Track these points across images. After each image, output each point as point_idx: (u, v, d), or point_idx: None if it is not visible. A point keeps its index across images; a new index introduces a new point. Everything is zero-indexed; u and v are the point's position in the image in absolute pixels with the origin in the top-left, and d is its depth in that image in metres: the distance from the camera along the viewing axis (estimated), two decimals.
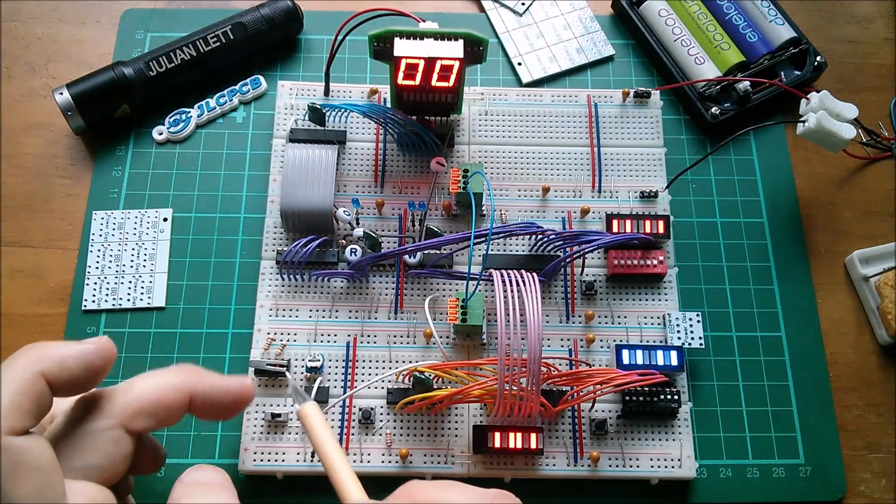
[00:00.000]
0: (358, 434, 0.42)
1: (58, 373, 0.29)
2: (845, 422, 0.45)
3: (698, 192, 0.50)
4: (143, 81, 0.49)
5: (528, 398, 0.38)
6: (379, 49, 0.43)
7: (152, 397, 0.32)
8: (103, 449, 0.31)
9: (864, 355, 0.47)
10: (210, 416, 0.35)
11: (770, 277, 0.48)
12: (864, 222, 0.50)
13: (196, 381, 0.34)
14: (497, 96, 0.50)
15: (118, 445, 0.31)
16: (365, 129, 0.49)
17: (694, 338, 0.44)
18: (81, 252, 0.47)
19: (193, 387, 0.34)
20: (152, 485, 0.42)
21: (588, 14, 0.55)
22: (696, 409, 0.44)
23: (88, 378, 0.31)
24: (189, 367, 0.35)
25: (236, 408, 0.35)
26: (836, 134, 0.45)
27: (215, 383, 0.35)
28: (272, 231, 0.46)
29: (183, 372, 0.34)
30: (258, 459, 0.41)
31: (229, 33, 0.50)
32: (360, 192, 0.47)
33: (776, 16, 0.53)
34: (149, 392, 0.32)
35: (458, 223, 0.47)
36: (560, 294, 0.45)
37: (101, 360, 0.31)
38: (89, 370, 0.30)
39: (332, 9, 0.54)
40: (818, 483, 0.43)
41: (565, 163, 0.48)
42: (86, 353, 0.30)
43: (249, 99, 0.51)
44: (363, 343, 0.44)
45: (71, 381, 0.30)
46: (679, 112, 0.52)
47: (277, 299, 0.44)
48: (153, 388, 0.32)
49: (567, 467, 0.41)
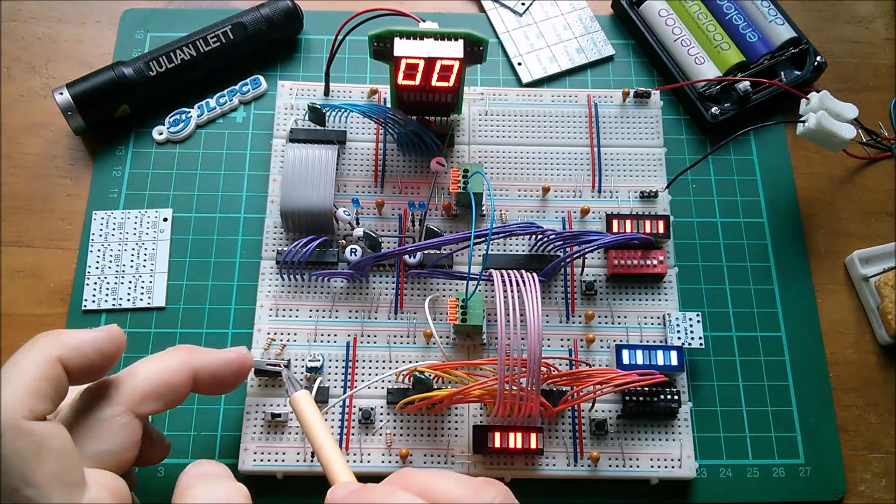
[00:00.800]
0: (358, 434, 0.42)
1: (75, 358, 0.30)
2: (845, 422, 0.45)
3: (698, 192, 0.50)
4: (143, 81, 0.49)
5: (528, 398, 0.38)
6: (379, 49, 0.43)
7: (157, 380, 0.33)
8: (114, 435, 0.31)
9: (864, 355, 0.47)
10: (214, 390, 0.37)
11: (770, 277, 0.48)
12: (864, 222, 0.50)
13: (196, 358, 0.35)
14: (497, 96, 0.50)
15: (128, 430, 0.32)
16: (365, 129, 0.49)
17: (694, 338, 0.44)
18: (81, 252, 0.47)
19: (194, 364, 0.35)
20: (153, 484, 0.42)
21: (588, 14, 0.55)
22: (696, 409, 0.44)
23: (102, 364, 0.31)
24: (186, 347, 0.36)
25: (238, 378, 0.37)
26: (836, 134, 0.45)
27: (215, 357, 0.36)
28: (272, 231, 0.46)
29: (182, 351, 0.35)
30: (258, 459, 0.41)
31: (229, 33, 0.50)
32: (360, 192, 0.47)
33: (776, 16, 0.53)
34: (153, 375, 0.33)
35: (458, 223, 0.47)
36: (560, 294, 0.45)
37: (114, 347, 0.32)
38: (103, 356, 0.31)
39: (332, 9, 0.54)
40: (818, 483, 0.43)
41: (565, 163, 0.48)
42: (99, 339, 0.31)
43: (249, 99, 0.51)
44: (363, 343, 0.44)
45: (86, 367, 0.31)
46: (679, 112, 0.52)
47: (277, 299, 0.44)
48: (157, 371, 0.34)
49: (567, 467, 0.41)
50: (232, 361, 0.36)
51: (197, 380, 0.35)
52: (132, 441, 0.32)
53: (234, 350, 0.37)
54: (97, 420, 0.31)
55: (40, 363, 0.29)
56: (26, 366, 0.29)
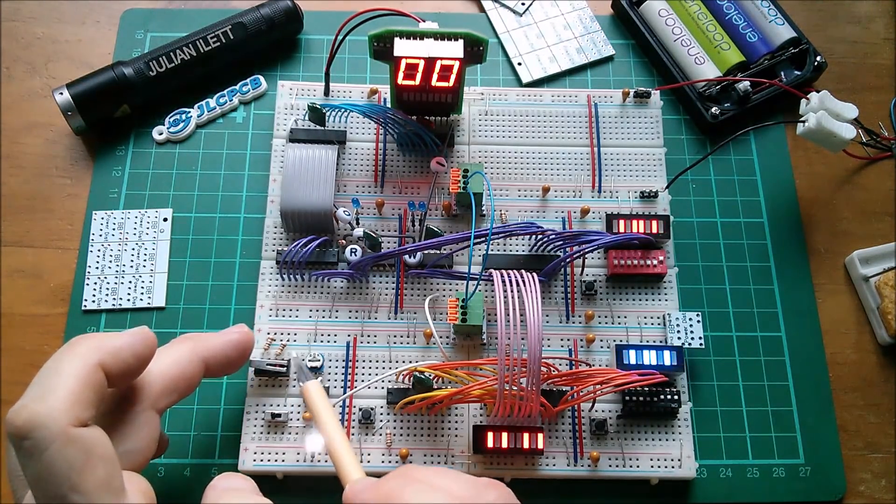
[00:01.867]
0: (358, 434, 0.42)
1: (114, 363, 0.30)
2: (845, 422, 0.45)
3: (698, 192, 0.50)
4: (143, 81, 0.49)
5: (528, 398, 0.38)
6: (379, 49, 0.43)
7: (171, 374, 0.34)
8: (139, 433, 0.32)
9: (864, 355, 0.47)
10: (223, 372, 0.38)
11: (770, 277, 0.48)
12: (864, 222, 0.50)
13: (203, 345, 0.37)
14: (497, 96, 0.50)
15: (150, 426, 0.33)
16: (365, 129, 0.49)
17: (694, 338, 0.44)
18: (81, 252, 0.47)
19: (203, 352, 0.36)
20: (153, 484, 0.41)
21: (588, 14, 0.55)
22: (696, 409, 0.44)
23: (138, 367, 0.32)
24: (189, 336, 0.37)
25: (244, 357, 0.39)
26: (836, 134, 0.45)
27: (219, 340, 0.37)
28: (272, 231, 0.46)
29: (188, 341, 0.37)
30: (258, 459, 0.41)
31: (229, 33, 0.50)
32: (360, 192, 0.47)
33: (776, 16, 0.53)
34: (166, 370, 0.35)
35: (458, 223, 0.47)
36: (560, 294, 0.45)
37: (147, 349, 0.32)
38: (139, 359, 0.32)
39: (332, 9, 0.54)
40: (818, 483, 0.43)
41: (565, 163, 0.48)
42: (135, 342, 0.31)
43: (249, 99, 0.51)
44: (363, 343, 0.44)
45: (125, 371, 0.31)
46: (679, 112, 0.52)
47: (277, 299, 0.44)
48: (169, 365, 0.35)
49: (567, 467, 0.41)
50: (236, 342, 0.38)
51: (207, 366, 0.36)
52: (154, 437, 0.33)
53: (235, 329, 0.38)
54: (122, 420, 0.32)
55: (82, 370, 0.29)
56: (69, 373, 0.29)
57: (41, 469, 0.27)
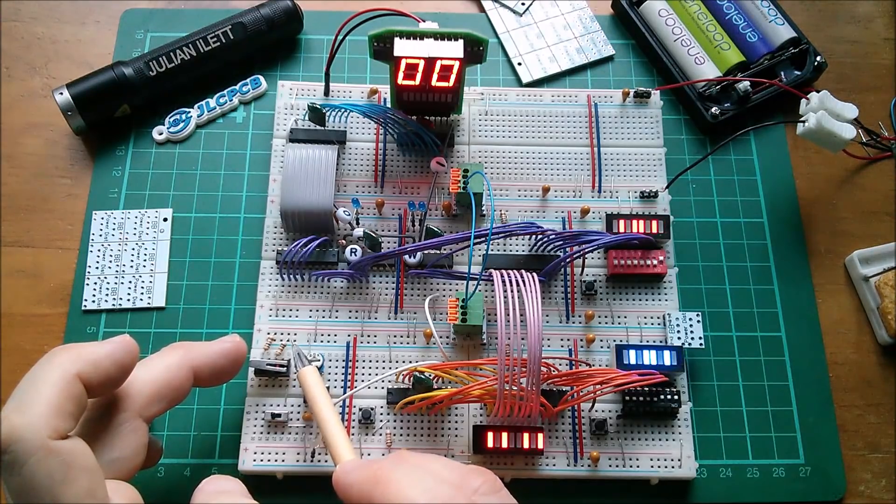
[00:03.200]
0: (358, 434, 0.42)
1: (93, 373, 0.30)
2: (845, 422, 0.45)
3: (698, 192, 0.50)
4: (143, 81, 0.49)
5: (528, 398, 0.38)
6: (379, 49, 0.43)
7: (160, 381, 0.34)
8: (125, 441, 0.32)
9: (864, 355, 0.47)
10: (214, 381, 0.38)
11: (770, 277, 0.48)
12: (864, 222, 0.50)
13: (193, 354, 0.36)
14: (497, 96, 0.50)
15: (137, 435, 0.32)
16: (365, 129, 0.49)
17: (694, 338, 0.44)
18: (81, 252, 0.47)
19: (193, 360, 0.36)
20: (153, 484, 0.42)
21: (588, 14, 0.55)
22: (696, 409, 0.44)
23: (119, 376, 0.32)
24: (181, 344, 0.37)
25: (235, 367, 0.38)
26: (836, 134, 0.45)
27: (211, 350, 0.37)
28: (272, 231, 0.46)
29: (179, 349, 0.36)
30: (258, 459, 0.41)
31: (229, 33, 0.50)
32: (360, 192, 0.47)
33: (776, 16, 0.53)
34: (155, 378, 0.34)
35: (458, 223, 0.47)
36: (560, 294, 0.45)
37: (129, 357, 0.32)
38: (120, 368, 0.31)
39: (332, 9, 0.54)
40: (818, 483, 0.43)
41: (565, 163, 0.48)
42: (115, 351, 0.31)
43: (249, 99, 0.51)
44: (363, 343, 0.44)
45: (105, 381, 0.31)
46: (679, 112, 0.52)
47: (277, 299, 0.44)
48: (157, 373, 0.34)
49: (567, 467, 0.41)
50: (227, 351, 0.37)
51: (197, 375, 0.35)
52: (141, 445, 0.32)
53: (228, 339, 0.38)
54: (107, 429, 0.32)
55: (61, 381, 0.29)
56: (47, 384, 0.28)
57: (22, 482, 0.27)
